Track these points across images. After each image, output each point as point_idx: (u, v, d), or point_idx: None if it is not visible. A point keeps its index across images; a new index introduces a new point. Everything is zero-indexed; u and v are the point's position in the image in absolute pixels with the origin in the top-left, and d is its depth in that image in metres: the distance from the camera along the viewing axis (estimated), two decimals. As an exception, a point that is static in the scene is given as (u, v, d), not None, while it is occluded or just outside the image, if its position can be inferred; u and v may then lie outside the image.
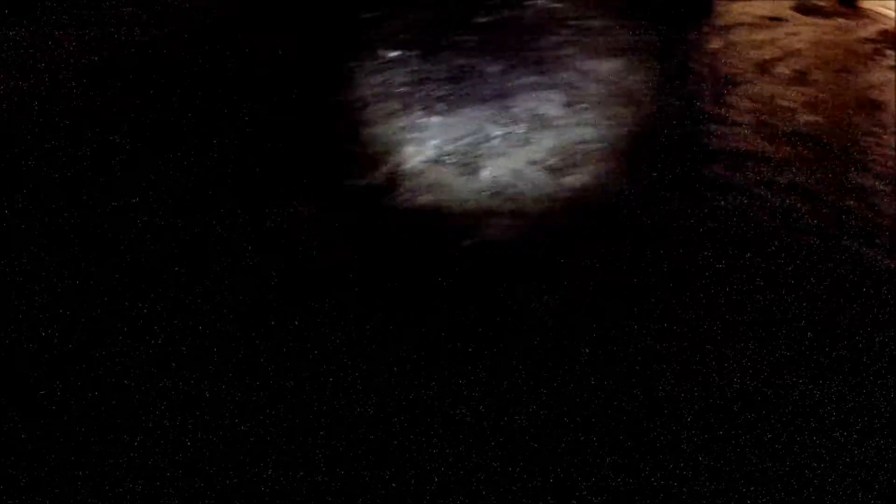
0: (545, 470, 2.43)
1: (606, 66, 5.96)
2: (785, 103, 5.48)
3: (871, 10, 9.53)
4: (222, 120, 5.25)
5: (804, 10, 8.29)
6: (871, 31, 8.21)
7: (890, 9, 9.41)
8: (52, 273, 3.72)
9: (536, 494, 2.36)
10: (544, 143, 4.77)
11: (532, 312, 3.10)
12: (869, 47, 7.45)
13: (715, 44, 6.67)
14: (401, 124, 5.06)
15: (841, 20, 8.30)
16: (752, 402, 2.57)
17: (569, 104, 5.27)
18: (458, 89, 5.71)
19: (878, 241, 3.59)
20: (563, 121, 5.03)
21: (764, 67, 5.85)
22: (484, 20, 7.11)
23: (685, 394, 2.63)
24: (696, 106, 5.35)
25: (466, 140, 4.86)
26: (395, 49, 6.74)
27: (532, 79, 5.73)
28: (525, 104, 5.28)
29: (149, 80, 6.09)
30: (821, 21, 7.97)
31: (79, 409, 2.88)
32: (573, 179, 4.28)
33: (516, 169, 4.45)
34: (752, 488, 2.28)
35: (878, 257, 3.41)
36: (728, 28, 7.22)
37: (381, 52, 6.61)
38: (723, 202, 4.02)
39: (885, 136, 5.29)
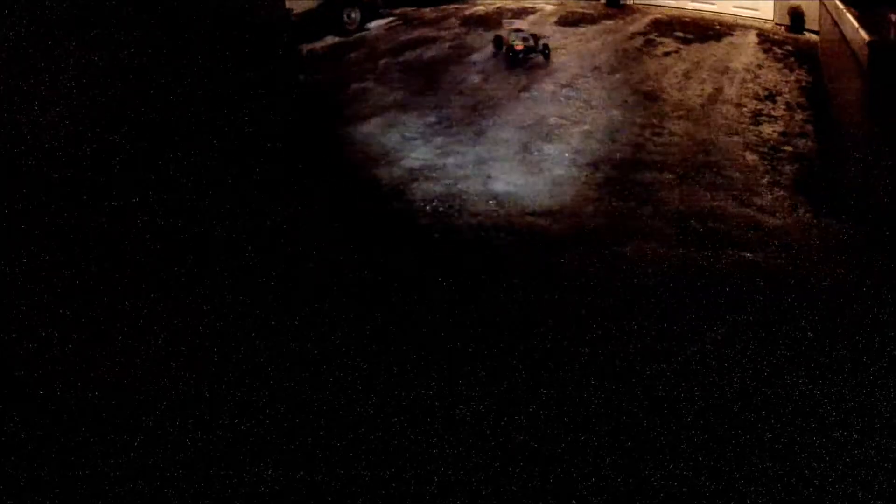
0: (545, 470, 2.43)
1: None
2: (553, 120, 5.54)
3: (639, 4, 9.42)
4: (222, 120, 5.25)
5: (568, 22, 8.56)
6: (640, 24, 8.38)
7: (660, -1, 9.19)
8: (52, 273, 3.72)
9: (536, 494, 2.36)
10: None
11: (532, 312, 3.10)
12: (640, 40, 7.66)
13: (475, 77, 6.76)
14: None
15: (608, 22, 8.54)
16: (752, 402, 2.57)
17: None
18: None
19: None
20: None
21: (528, 87, 6.02)
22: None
23: (685, 394, 2.63)
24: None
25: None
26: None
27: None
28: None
29: (149, 80, 6.09)
30: (587, 28, 8.20)
31: (79, 409, 2.88)
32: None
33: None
34: (752, 488, 2.28)
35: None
36: (487, 58, 7.34)
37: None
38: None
39: (658, 124, 5.36)
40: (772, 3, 8.34)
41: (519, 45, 7.14)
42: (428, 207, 4.27)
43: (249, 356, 3.04)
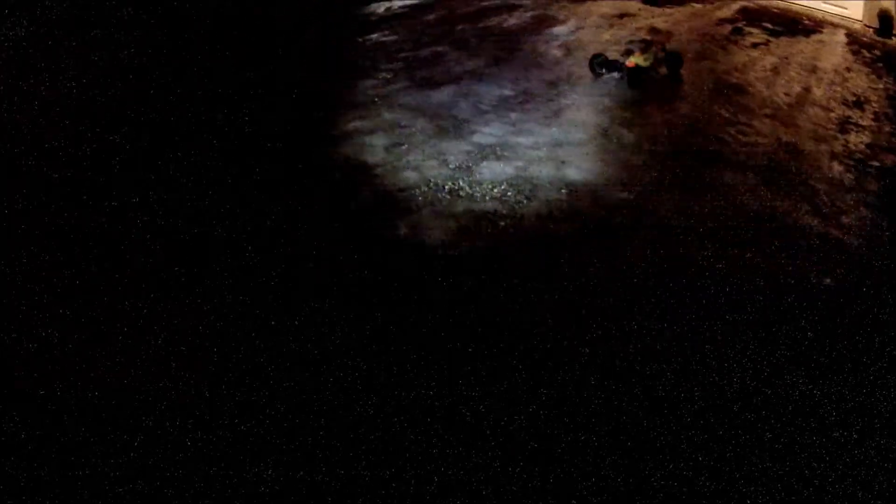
0: (545, 470, 2.43)
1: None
2: (634, 105, 5.29)
3: None
4: (222, 120, 5.25)
5: (655, 1, 7.86)
6: (730, 10, 7.87)
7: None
8: (52, 273, 3.72)
9: (536, 494, 2.36)
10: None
11: (532, 312, 3.10)
12: (727, 28, 7.20)
13: (557, 49, 6.42)
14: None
15: (697, 5, 7.97)
16: (752, 402, 2.57)
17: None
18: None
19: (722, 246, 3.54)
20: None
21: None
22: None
23: (685, 394, 2.63)
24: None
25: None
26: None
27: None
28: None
29: (149, 80, 6.09)
30: (673, 10, 7.70)
31: (79, 409, 2.88)
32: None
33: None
34: (752, 488, 2.28)
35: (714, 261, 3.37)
36: (572, 32, 6.88)
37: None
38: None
39: (745, 121, 5.12)
40: (861, 2, 7.98)
41: (631, 62, 5.63)
42: (496, 190, 4.10)
43: (249, 356, 3.04)
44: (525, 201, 4.03)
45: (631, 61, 5.66)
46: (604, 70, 5.78)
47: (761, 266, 3.26)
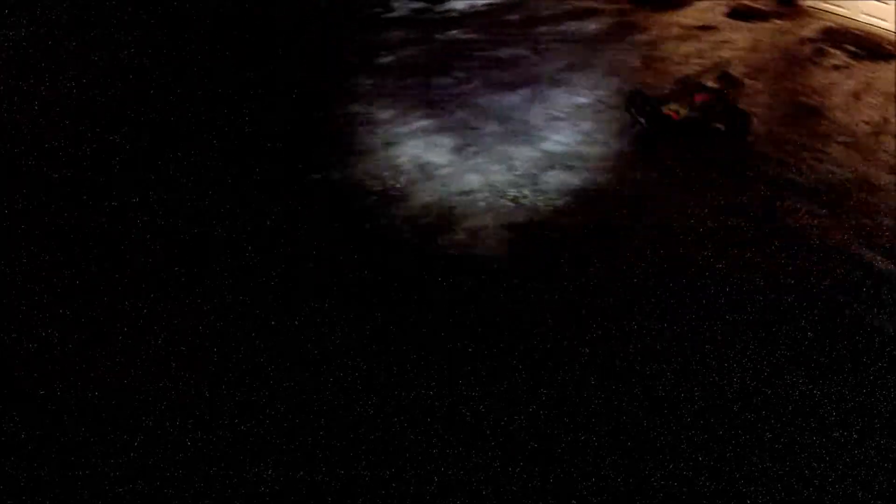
0: (545, 470, 2.43)
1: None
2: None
3: (812, 6, 8.52)
4: (222, 120, 5.25)
5: (738, 14, 7.82)
6: (812, 29, 7.72)
7: (834, 3, 8.36)
8: (52, 273, 3.72)
9: (536, 494, 2.36)
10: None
11: (532, 312, 3.10)
12: (809, 48, 7.02)
13: (635, 61, 6.25)
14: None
15: (779, 21, 7.81)
16: (752, 402, 2.57)
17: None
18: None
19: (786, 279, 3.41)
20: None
21: (687, 83, 5.33)
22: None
23: (685, 394, 2.63)
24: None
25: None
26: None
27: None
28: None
29: (149, 80, 6.09)
30: (756, 25, 7.56)
31: (79, 409, 2.88)
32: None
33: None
34: (752, 488, 2.28)
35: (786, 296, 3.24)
36: (652, 43, 6.75)
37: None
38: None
39: (820, 148, 4.90)
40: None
41: (675, 112, 4.71)
42: (561, 202, 3.97)
43: (249, 356, 3.04)
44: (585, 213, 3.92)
45: (670, 109, 4.79)
46: (635, 112, 4.87)
47: (761, 266, 3.26)
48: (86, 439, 2.72)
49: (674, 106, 4.84)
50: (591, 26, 7.05)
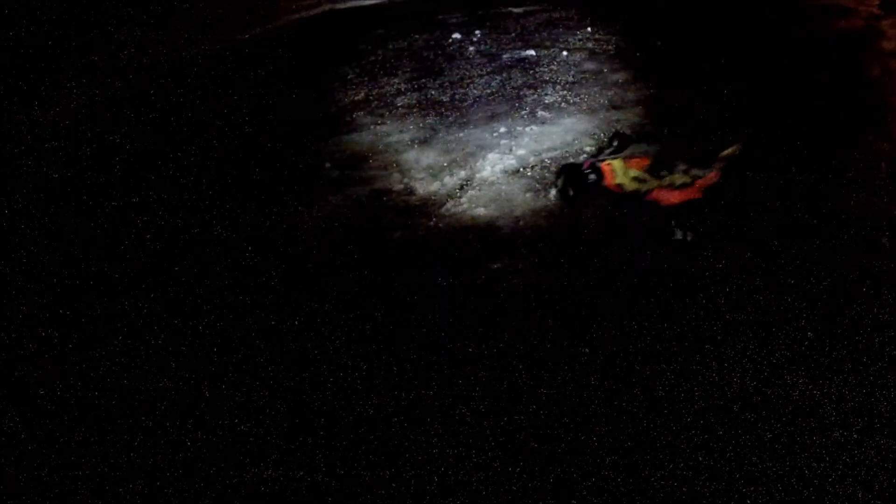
0: (545, 470, 2.43)
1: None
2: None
3: None
4: (222, 120, 5.26)
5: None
6: None
7: None
8: (52, 273, 3.72)
9: (536, 494, 2.36)
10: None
11: (532, 312, 3.10)
12: None
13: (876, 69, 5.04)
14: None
15: (875, 23, 5.94)
16: (752, 402, 2.57)
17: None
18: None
19: None
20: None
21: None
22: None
23: (685, 394, 2.63)
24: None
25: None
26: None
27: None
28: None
29: (149, 80, 6.10)
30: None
31: (79, 409, 2.88)
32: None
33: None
34: (752, 488, 2.28)
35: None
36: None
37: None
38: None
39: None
40: None
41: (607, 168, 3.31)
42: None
43: (249, 356, 3.04)
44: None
45: (607, 166, 3.35)
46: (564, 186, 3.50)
47: (762, 266, 3.26)
48: (86, 439, 2.72)
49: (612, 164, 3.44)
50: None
